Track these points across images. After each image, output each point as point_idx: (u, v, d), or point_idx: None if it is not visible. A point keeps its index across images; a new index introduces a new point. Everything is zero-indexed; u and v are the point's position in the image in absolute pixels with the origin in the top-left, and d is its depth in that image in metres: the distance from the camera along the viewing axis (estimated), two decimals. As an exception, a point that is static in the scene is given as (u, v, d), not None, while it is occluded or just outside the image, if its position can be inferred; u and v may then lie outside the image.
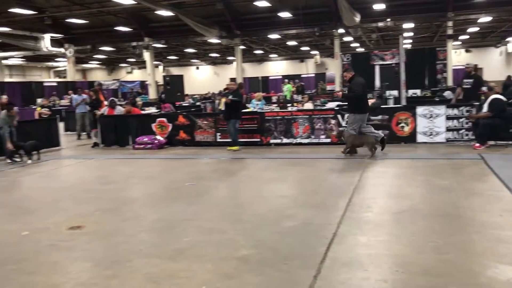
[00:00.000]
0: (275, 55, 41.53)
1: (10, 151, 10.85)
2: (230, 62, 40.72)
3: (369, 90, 20.53)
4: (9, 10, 21.11)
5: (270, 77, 37.94)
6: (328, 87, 30.88)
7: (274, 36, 27.73)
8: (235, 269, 4.14)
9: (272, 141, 11.87)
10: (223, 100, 11.23)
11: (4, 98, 14.16)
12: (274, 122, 11.85)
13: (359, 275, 3.90)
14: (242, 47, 29.81)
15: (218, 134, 12.26)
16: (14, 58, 33.79)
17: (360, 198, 6.34)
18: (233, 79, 25.32)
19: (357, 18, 22.16)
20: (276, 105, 16.52)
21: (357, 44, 34.71)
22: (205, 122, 12.42)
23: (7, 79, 33.13)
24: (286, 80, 27.30)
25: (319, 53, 37.93)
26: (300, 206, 6.18)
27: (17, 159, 10.99)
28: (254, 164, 9.82)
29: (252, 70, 41.92)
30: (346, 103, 11.15)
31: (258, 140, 11.92)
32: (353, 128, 9.74)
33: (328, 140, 11.44)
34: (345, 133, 9.98)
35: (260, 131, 11.92)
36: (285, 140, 11.75)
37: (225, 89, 22.56)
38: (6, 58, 31.97)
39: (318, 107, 14.56)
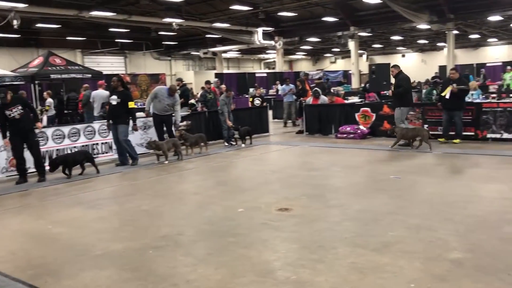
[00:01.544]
0: (495, 39, 37.07)
1: (228, 135, 12.07)
2: (440, 48, 37.90)
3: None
4: (230, 7, 23.41)
5: (487, 64, 34.07)
6: None
7: (495, 18, 24.74)
8: (447, 271, 3.83)
9: (489, 135, 10.65)
10: (449, 88, 10.42)
11: (223, 87, 15.77)
12: (493, 114, 10.60)
13: None
14: (455, 32, 27.40)
15: (426, 126, 11.53)
16: (232, 52, 37.44)
17: None
18: (443, 67, 23.54)
19: None
20: (494, 95, 14.74)
21: None
22: (412, 113, 11.81)
23: (225, 71, 36.98)
24: (509, 67, 24.09)
25: (553, 35, 32.50)
26: (526, 210, 5.40)
27: (233, 143, 12.18)
28: (468, 160, 8.96)
29: (465, 57, 38.23)
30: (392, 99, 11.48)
31: (472, 133, 10.83)
32: (402, 121, 10.64)
33: (562, 137, 9.75)
34: (396, 129, 10.37)
35: (475, 124, 10.81)
36: (505, 135, 10.42)
37: (432, 77, 21.14)
38: (225, 51, 35.63)
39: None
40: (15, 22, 17.52)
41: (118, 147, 9.83)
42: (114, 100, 9.64)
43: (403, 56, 44.34)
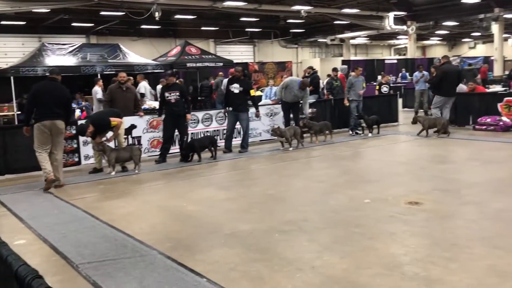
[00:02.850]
0: None
1: (354, 124, 11.83)
2: None
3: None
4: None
5: None
6: None
7: None
8: None
9: None
10: None
11: (353, 74, 15.42)
12: None
13: None
14: None
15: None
16: (360, 38, 36.46)
17: None
18: None
19: None
20: None
21: None
22: None
23: (352, 58, 36.16)
24: None
25: None
26: None
27: (359, 132, 11.91)
28: None
29: None
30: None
31: None
32: (436, 107, 11.35)
33: None
34: (419, 118, 11.51)
35: None
36: None
37: None
38: (353, 38, 34.81)
39: None
40: (156, 14, 19.03)
41: (230, 133, 10.15)
42: (236, 88, 9.93)
43: (559, 39, 39.19)
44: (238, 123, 10.09)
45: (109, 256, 4.31)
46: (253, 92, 10.15)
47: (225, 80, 13.88)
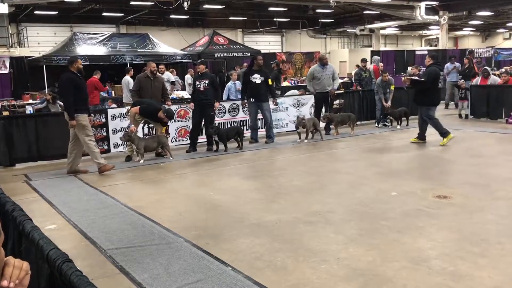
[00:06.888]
0: None
1: (380, 115, 11.68)
2: None
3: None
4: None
5: None
6: None
7: None
8: None
9: None
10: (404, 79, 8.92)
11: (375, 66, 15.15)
12: None
13: None
14: None
15: None
16: (390, 28, 35.79)
17: None
18: None
19: None
20: None
21: None
22: None
23: (382, 48, 35.55)
24: None
25: None
26: None
27: (387, 124, 11.74)
28: None
29: None
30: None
31: None
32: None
33: None
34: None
35: None
36: None
37: None
38: (383, 28, 34.20)
39: None
40: (185, 4, 19.11)
41: (254, 124, 10.16)
42: (257, 78, 9.87)
43: None
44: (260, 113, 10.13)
45: (137, 243, 4.39)
46: (271, 82, 10.16)
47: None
